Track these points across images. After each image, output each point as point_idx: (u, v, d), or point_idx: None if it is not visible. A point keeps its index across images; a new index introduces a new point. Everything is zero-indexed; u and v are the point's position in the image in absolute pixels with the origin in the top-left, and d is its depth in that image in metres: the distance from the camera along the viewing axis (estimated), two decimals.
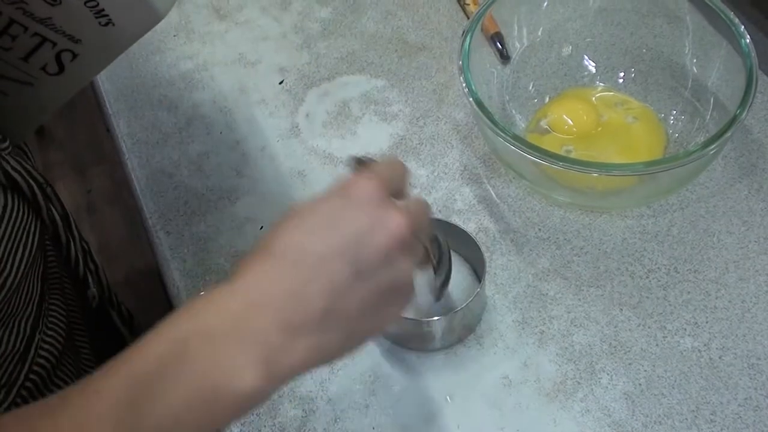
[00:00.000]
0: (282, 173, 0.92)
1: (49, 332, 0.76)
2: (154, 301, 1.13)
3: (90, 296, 0.85)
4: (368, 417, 0.74)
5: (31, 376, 0.73)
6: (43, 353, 0.74)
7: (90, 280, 0.84)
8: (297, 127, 0.96)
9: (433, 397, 0.75)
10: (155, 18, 0.64)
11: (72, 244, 0.79)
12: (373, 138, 0.94)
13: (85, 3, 0.61)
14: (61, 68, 0.68)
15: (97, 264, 0.87)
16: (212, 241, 0.87)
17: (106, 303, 0.89)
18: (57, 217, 0.75)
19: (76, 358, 0.81)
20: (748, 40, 0.79)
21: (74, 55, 0.67)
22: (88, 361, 0.83)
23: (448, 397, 0.74)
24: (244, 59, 1.04)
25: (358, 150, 0.92)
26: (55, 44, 0.66)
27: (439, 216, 0.85)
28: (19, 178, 0.68)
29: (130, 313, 0.97)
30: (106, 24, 0.64)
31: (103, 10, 0.62)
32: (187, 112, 0.99)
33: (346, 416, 0.74)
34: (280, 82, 1.00)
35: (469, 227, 0.84)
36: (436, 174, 0.90)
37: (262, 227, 0.87)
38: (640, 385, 0.74)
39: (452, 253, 0.79)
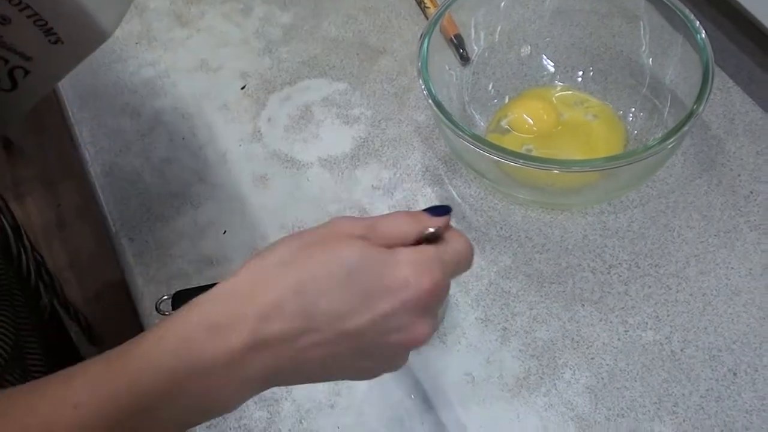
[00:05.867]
0: (244, 178, 0.92)
1: None
2: (122, 311, 1.12)
3: (42, 306, 0.84)
4: (333, 417, 0.74)
5: None
6: None
7: (42, 290, 0.83)
8: (259, 131, 0.96)
9: (397, 395, 0.75)
10: (102, 35, 0.66)
11: (23, 255, 0.79)
12: (335, 141, 0.94)
13: (34, 22, 0.62)
14: (14, 84, 0.69)
15: (53, 276, 0.87)
16: (176, 246, 0.87)
17: (63, 315, 0.88)
18: (8, 229, 0.74)
19: (24, 369, 0.80)
20: (703, 35, 0.79)
21: (26, 72, 0.69)
22: (37, 373, 0.82)
23: (412, 395, 0.75)
24: (206, 65, 1.04)
25: (321, 153, 0.93)
26: (7, 61, 0.67)
27: None
28: None
29: (89, 323, 0.97)
30: (56, 42, 0.65)
31: (51, 28, 0.64)
32: (150, 119, 0.98)
33: (311, 417, 0.74)
34: (242, 88, 1.00)
35: None
36: (398, 176, 0.90)
37: (225, 231, 0.87)
38: (602, 378, 0.74)
39: None
